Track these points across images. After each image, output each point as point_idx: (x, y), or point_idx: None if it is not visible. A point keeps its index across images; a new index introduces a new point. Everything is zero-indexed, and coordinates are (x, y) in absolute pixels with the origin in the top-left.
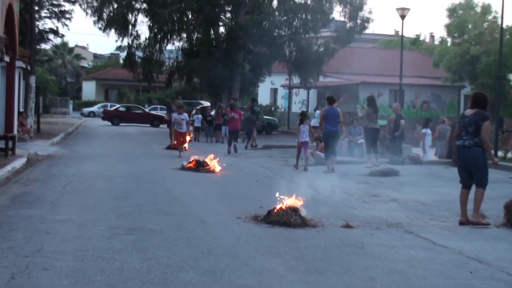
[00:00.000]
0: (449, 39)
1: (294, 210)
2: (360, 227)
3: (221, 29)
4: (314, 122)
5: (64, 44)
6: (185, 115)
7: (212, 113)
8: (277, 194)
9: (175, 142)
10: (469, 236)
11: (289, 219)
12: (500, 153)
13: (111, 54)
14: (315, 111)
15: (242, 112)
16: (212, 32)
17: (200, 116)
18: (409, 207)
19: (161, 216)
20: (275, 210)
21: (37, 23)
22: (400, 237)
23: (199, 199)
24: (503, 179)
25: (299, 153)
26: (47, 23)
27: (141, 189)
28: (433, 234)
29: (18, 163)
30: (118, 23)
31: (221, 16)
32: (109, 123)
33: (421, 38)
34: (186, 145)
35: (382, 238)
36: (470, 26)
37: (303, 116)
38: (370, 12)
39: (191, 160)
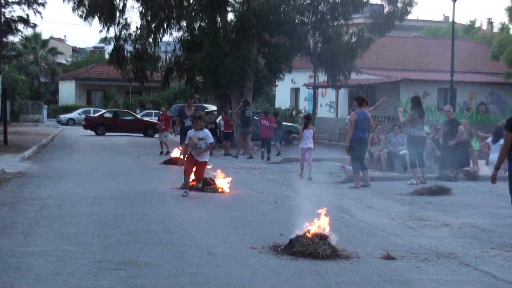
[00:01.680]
0: (511, 26)
1: (322, 238)
2: (404, 258)
3: (230, 16)
4: None
5: (37, 36)
6: (207, 132)
7: (218, 119)
8: (301, 218)
9: (185, 171)
10: None
11: (316, 249)
12: None
13: (94, 47)
14: (349, 115)
15: (274, 119)
16: (218, 19)
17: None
18: (465, 233)
19: (158, 247)
20: (299, 238)
21: (2, 10)
22: (454, 270)
23: (205, 225)
24: None
25: (303, 160)
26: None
27: (134, 213)
28: (495, 267)
29: None
30: (103, 9)
31: (230, 0)
32: (93, 133)
33: (477, 24)
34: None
35: (431, 272)
36: None
37: (308, 120)
38: None
39: (194, 178)
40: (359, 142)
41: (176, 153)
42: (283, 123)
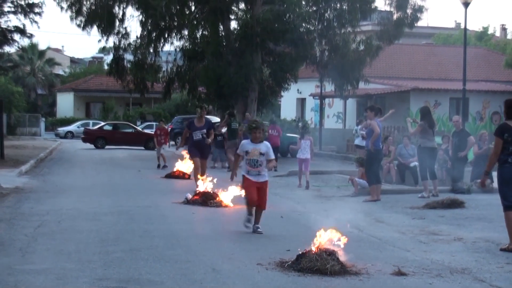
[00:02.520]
0: None
1: (330, 253)
2: (416, 274)
3: (233, 24)
4: (359, 141)
5: (33, 47)
6: (268, 146)
7: (223, 130)
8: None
9: (249, 200)
10: None
11: (324, 265)
12: None
13: (93, 58)
14: (357, 126)
15: (281, 130)
16: (221, 28)
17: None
18: (479, 248)
19: (161, 264)
20: (306, 254)
21: None
22: (467, 286)
23: (209, 241)
24: None
25: (301, 171)
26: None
27: (135, 229)
28: (510, 283)
29: None
30: (102, 18)
31: (233, 8)
32: (92, 146)
33: (490, 31)
34: None
35: None
36: None
37: (304, 130)
38: None
39: (197, 192)
40: (379, 152)
41: (179, 166)
42: (288, 134)
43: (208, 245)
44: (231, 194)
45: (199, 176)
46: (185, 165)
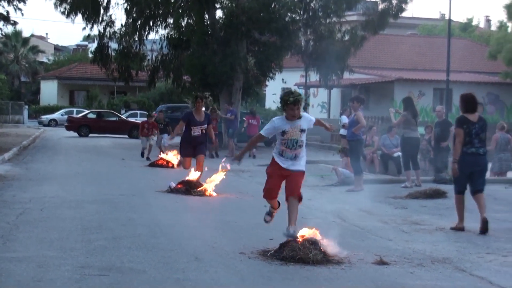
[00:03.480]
0: (509, 24)
1: (313, 242)
2: (398, 263)
3: (218, 13)
4: (343, 131)
5: (17, 34)
6: (310, 118)
7: None
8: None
9: (270, 191)
10: None
11: (307, 254)
12: None
13: (77, 46)
14: (341, 116)
15: (260, 119)
16: (206, 16)
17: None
18: (460, 238)
19: (143, 252)
20: (289, 243)
21: None
22: (448, 276)
23: (192, 229)
24: None
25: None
26: None
27: (118, 217)
28: (490, 272)
29: None
30: (86, 5)
31: None
32: (76, 134)
33: (474, 22)
34: None
35: (425, 277)
36: None
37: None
38: None
39: (180, 181)
40: (361, 142)
41: (166, 156)
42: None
43: (191, 234)
44: (214, 182)
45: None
46: (170, 155)
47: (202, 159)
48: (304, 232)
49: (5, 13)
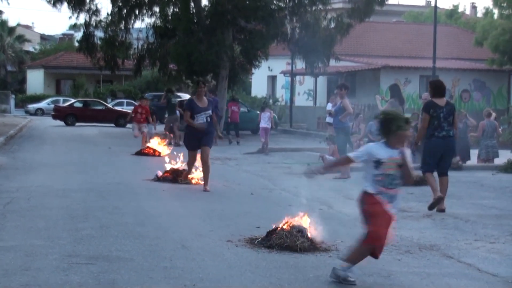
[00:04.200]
0: (495, 11)
1: (300, 230)
2: (385, 251)
3: (204, 1)
4: (330, 118)
5: (3, 23)
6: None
7: None
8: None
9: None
10: None
11: (294, 242)
12: None
13: (64, 34)
14: (328, 104)
15: (239, 106)
16: (192, 4)
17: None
18: (447, 224)
19: (131, 241)
20: (276, 231)
21: None
22: (436, 263)
23: (179, 218)
24: None
25: (263, 137)
26: None
27: (105, 206)
28: (478, 259)
29: None
30: None
31: None
32: (62, 123)
33: (460, 9)
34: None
35: (413, 264)
36: None
37: (264, 105)
38: None
39: (167, 169)
40: (347, 130)
41: (151, 144)
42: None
43: (178, 222)
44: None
45: (193, 172)
46: (157, 144)
47: (208, 152)
48: (291, 220)
49: None
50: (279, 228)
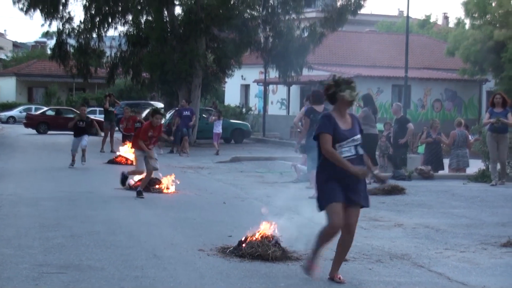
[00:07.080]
0: (467, 21)
1: (272, 239)
2: (356, 260)
3: (177, 10)
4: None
5: None
6: None
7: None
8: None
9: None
10: (494, 270)
11: (265, 251)
12: None
13: (36, 42)
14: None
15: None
16: (165, 13)
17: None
18: (418, 234)
19: (102, 250)
20: (248, 240)
21: None
22: (407, 272)
23: (151, 227)
24: None
25: (215, 141)
26: None
27: (76, 215)
28: (448, 268)
29: None
30: (45, 2)
31: None
32: (34, 131)
33: (432, 19)
34: None
35: (384, 273)
36: (493, 4)
37: (220, 113)
38: None
39: (139, 178)
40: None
41: (123, 152)
42: (233, 120)
43: (149, 231)
44: (173, 179)
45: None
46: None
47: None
48: (263, 229)
49: None
50: (251, 237)
